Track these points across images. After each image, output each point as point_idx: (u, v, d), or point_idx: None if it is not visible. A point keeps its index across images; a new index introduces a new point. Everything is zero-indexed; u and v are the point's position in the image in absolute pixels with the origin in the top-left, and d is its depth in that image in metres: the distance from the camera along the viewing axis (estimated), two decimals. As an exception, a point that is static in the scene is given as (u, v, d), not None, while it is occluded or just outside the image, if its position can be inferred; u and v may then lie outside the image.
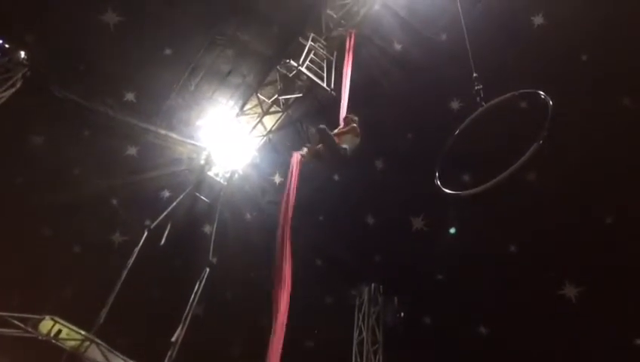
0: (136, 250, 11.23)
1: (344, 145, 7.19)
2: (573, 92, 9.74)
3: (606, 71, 9.84)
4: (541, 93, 5.58)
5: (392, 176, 12.18)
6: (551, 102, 5.35)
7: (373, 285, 13.19)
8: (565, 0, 9.66)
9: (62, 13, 9.62)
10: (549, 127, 5.13)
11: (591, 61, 9.94)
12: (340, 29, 10.64)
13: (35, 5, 9.38)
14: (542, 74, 9.70)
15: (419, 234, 12.58)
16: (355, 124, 7.64)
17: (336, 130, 7.60)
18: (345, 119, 8.03)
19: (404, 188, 12.07)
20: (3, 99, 10.11)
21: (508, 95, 5.98)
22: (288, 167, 12.48)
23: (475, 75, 6.53)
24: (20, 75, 10.25)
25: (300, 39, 10.72)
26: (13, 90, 10.20)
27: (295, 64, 10.16)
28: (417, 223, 12.54)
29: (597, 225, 10.78)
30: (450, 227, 12.39)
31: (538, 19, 10.07)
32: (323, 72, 10.57)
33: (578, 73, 10.01)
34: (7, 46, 10.23)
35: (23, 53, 10.22)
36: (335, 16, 10.66)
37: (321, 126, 7.05)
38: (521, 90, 5.96)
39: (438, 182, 6.19)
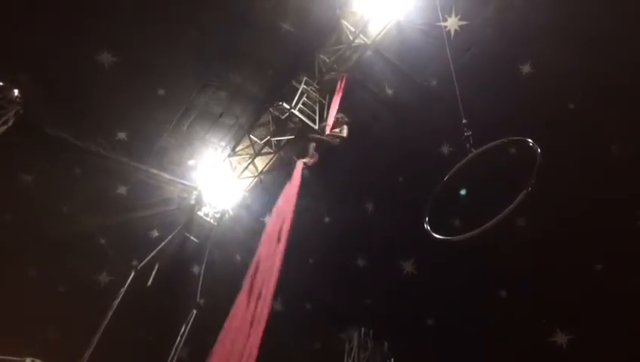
0: (123, 290, 11.09)
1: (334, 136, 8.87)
2: (560, 140, 9.91)
3: (593, 119, 10.02)
4: (529, 140, 5.67)
5: (382, 219, 12.18)
6: (539, 150, 5.43)
7: (362, 329, 12.96)
8: (552, 49, 9.87)
9: (57, 53, 9.72)
10: (536, 175, 5.19)
11: (578, 110, 10.13)
12: (333, 73, 10.82)
13: (30, 44, 9.47)
14: (530, 121, 9.88)
15: (409, 278, 12.50)
16: (346, 128, 9.24)
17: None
18: (336, 118, 9.49)
19: (395, 232, 12.07)
20: (-6, 137, 10.11)
21: (497, 142, 6.06)
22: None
23: (464, 121, 6.61)
24: (12, 112, 10.27)
25: (293, 82, 10.89)
26: (4, 127, 10.21)
27: (287, 106, 10.30)
28: (408, 267, 12.46)
29: (587, 272, 10.79)
30: (439, 272, 12.29)
31: (526, 68, 10.28)
32: (315, 114, 10.71)
33: (565, 121, 10.20)
34: (0, 84, 10.29)
35: (16, 92, 10.27)
36: (328, 60, 10.84)
37: (311, 136, 8.79)
38: (510, 138, 6.04)
39: (427, 227, 6.17)
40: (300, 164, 8.47)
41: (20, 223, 11.62)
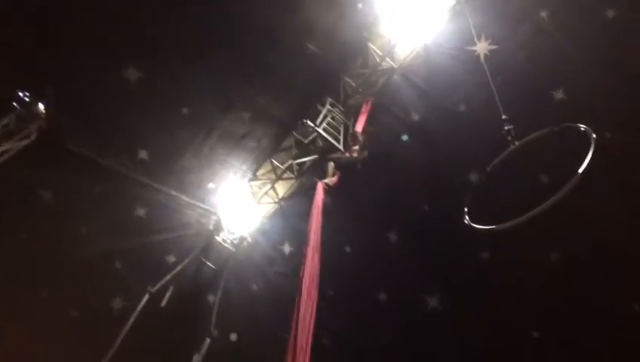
0: (135, 314, 10.75)
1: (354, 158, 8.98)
2: (596, 170, 9.45)
3: (631, 148, 9.59)
4: (581, 126, 5.32)
5: (406, 250, 11.68)
6: (594, 135, 5.08)
7: (381, 369, 12.31)
8: (586, 75, 9.57)
9: (84, 67, 9.69)
10: (590, 160, 4.83)
11: (614, 138, 9.68)
12: (358, 96, 10.67)
13: (56, 57, 9.48)
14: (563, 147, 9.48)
15: (434, 314, 11.85)
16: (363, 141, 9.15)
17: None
18: (354, 134, 9.64)
19: (420, 264, 11.56)
20: (14, 151, 10.04)
21: (544, 130, 5.73)
22: (299, 235, 12.22)
23: (504, 116, 6.33)
24: (35, 126, 10.24)
25: (317, 105, 10.74)
26: (27, 141, 10.15)
27: (312, 124, 10.12)
28: (433, 302, 11.84)
29: (625, 312, 10.13)
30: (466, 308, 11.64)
31: (559, 94, 9.97)
32: (339, 135, 10.50)
33: (601, 151, 9.74)
34: (27, 99, 10.31)
35: (41, 106, 10.26)
36: (354, 84, 10.72)
37: (329, 156, 8.76)
38: (560, 125, 5.69)
39: (467, 219, 5.77)
40: (320, 186, 8.17)
41: (35, 242, 11.41)
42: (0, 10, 9.17)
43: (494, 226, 5.50)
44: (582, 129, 5.32)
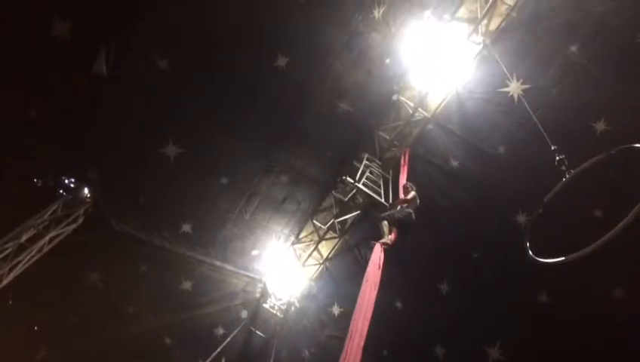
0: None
1: (408, 210, 8.59)
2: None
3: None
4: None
5: (459, 301, 11.25)
6: None
7: None
8: (625, 102, 9.32)
9: (125, 148, 9.99)
10: None
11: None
12: (394, 149, 10.62)
13: (98, 139, 9.78)
14: (610, 185, 9.16)
15: (496, 367, 11.26)
16: (414, 193, 8.91)
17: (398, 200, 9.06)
18: (404, 186, 9.22)
19: (476, 313, 11.09)
20: (63, 235, 10.25)
21: (601, 155, 5.50)
22: (348, 295, 11.91)
23: (553, 147, 6.17)
24: (82, 211, 10.47)
25: (354, 162, 10.71)
26: (74, 225, 10.37)
27: (352, 180, 10.04)
28: (494, 353, 11.25)
29: None
30: (531, 357, 11.05)
31: (600, 125, 9.71)
32: (380, 188, 10.38)
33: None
34: (72, 185, 10.60)
35: (86, 191, 10.54)
36: (388, 137, 10.71)
37: (381, 215, 8.35)
38: (618, 147, 5.44)
39: (530, 253, 5.53)
40: (378, 247, 7.91)
41: (85, 325, 11.44)
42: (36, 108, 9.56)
43: (563, 258, 5.19)
44: None
